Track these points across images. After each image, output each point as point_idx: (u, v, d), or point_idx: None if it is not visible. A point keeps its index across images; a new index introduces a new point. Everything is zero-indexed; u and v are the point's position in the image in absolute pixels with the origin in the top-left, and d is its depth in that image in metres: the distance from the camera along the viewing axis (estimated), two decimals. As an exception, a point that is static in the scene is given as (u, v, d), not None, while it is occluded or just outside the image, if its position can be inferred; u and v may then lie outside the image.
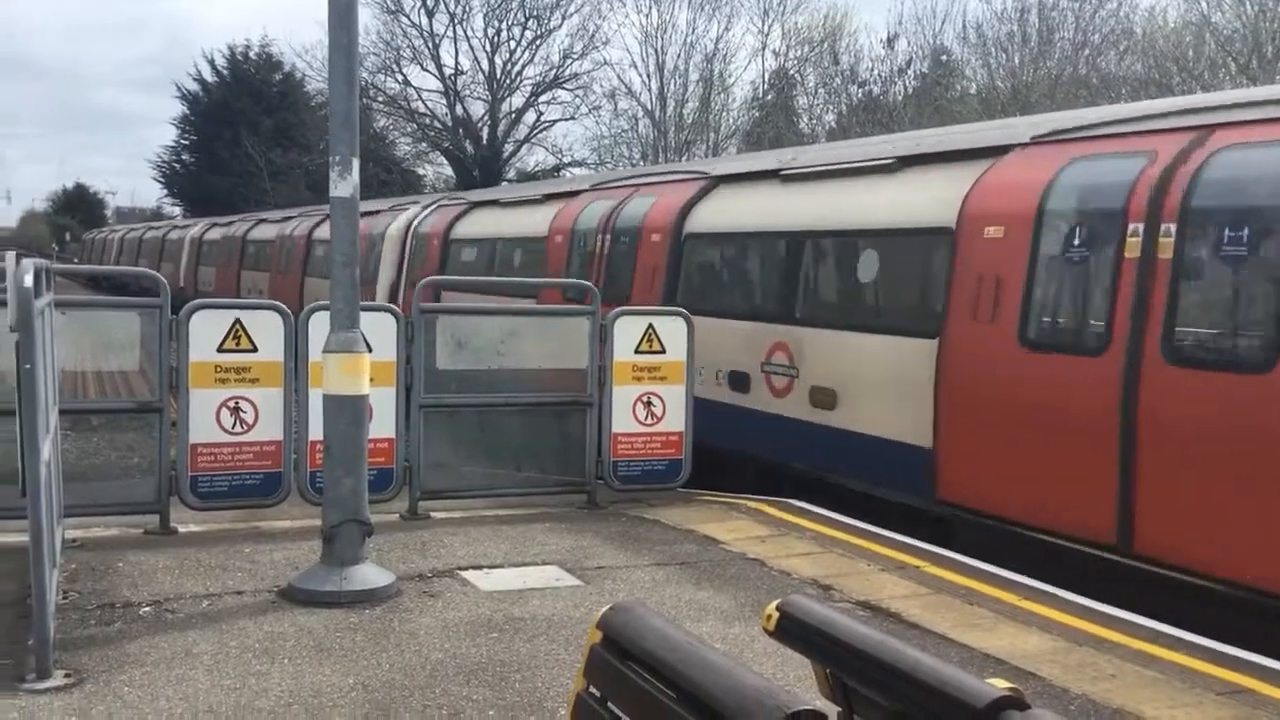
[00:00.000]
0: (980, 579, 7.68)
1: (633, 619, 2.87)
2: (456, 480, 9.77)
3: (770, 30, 46.20)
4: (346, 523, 6.92)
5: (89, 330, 8.31)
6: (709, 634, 6.30)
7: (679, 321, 9.91)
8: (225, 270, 34.86)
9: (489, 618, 6.58)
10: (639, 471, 9.88)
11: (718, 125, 47.44)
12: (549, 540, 8.43)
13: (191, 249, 41.55)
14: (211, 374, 8.21)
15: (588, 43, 52.20)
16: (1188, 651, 6.30)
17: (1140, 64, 31.81)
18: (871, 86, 38.77)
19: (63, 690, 5.29)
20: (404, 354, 8.93)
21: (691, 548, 8.37)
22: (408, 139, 59.49)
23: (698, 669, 2.56)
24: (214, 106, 65.73)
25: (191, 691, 5.34)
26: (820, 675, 2.83)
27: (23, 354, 5.31)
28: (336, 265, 6.97)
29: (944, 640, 6.40)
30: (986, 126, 11.73)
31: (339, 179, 6.87)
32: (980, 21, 36.67)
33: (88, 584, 6.92)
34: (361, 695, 5.38)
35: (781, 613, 2.86)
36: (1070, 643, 6.42)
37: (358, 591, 6.80)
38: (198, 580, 7.10)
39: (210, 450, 8.27)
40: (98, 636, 6.03)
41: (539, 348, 9.98)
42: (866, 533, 8.92)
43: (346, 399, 6.91)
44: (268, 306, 8.64)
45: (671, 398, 9.88)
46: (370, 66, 52.08)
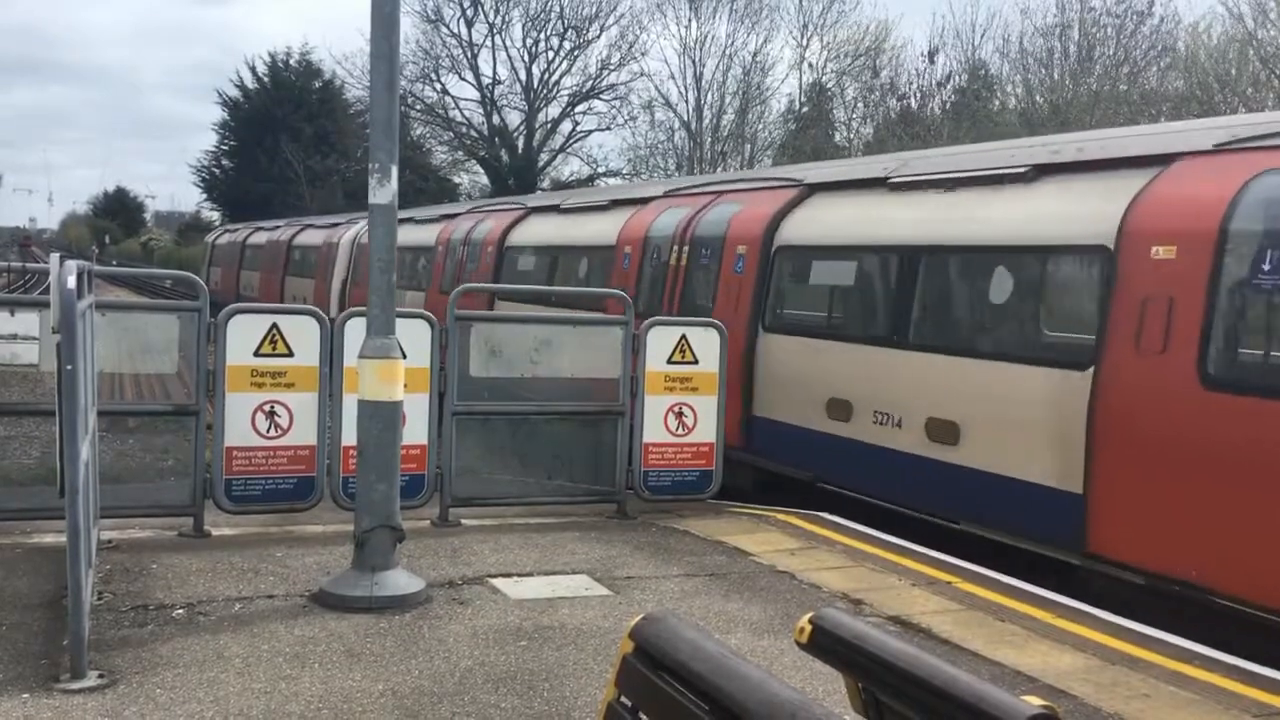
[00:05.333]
0: (1012, 595, 7.62)
1: (665, 629, 2.86)
2: (487, 487, 9.80)
3: (809, 43, 46.24)
4: (378, 528, 6.94)
5: (128, 333, 8.37)
6: (738, 646, 6.28)
7: (711, 332, 9.90)
8: (269, 276, 34.43)
9: (518, 626, 6.59)
10: (669, 482, 9.87)
11: (753, 137, 47.46)
12: (579, 549, 8.43)
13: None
14: (248, 378, 8.26)
15: (625, 54, 52.44)
16: (1222, 672, 6.23)
17: (1182, 81, 31.56)
18: (910, 100, 38.70)
19: (96, 691, 5.32)
20: (438, 361, 8.96)
21: (721, 559, 8.35)
22: (444, 147, 59.96)
23: (731, 681, 2.55)
24: (254, 113, 66.33)
25: (223, 695, 5.37)
26: (853, 689, 2.81)
27: (65, 355, 5.37)
28: (374, 271, 7.00)
29: (975, 657, 6.36)
30: (1136, 133, 10.46)
31: (378, 186, 6.90)
32: (1022, 35, 36.46)
33: (122, 585, 6.98)
34: (391, 701, 5.39)
35: (814, 626, 2.84)
36: (1103, 661, 6.37)
37: (388, 597, 6.82)
38: (230, 583, 7.14)
39: (245, 454, 8.32)
40: (131, 638, 6.07)
41: (572, 357, 9.98)
42: (897, 547, 8.87)
43: (381, 405, 6.93)
44: (305, 311, 8.69)
45: (703, 408, 9.87)
46: (409, 75, 52.56)
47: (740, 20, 48.02)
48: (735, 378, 10.94)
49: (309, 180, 57.03)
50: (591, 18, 53.32)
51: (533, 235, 18.27)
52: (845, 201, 11.43)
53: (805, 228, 11.51)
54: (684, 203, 13.97)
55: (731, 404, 10.59)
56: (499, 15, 54.29)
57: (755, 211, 12.16)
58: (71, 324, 5.35)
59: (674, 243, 13.27)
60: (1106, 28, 34.53)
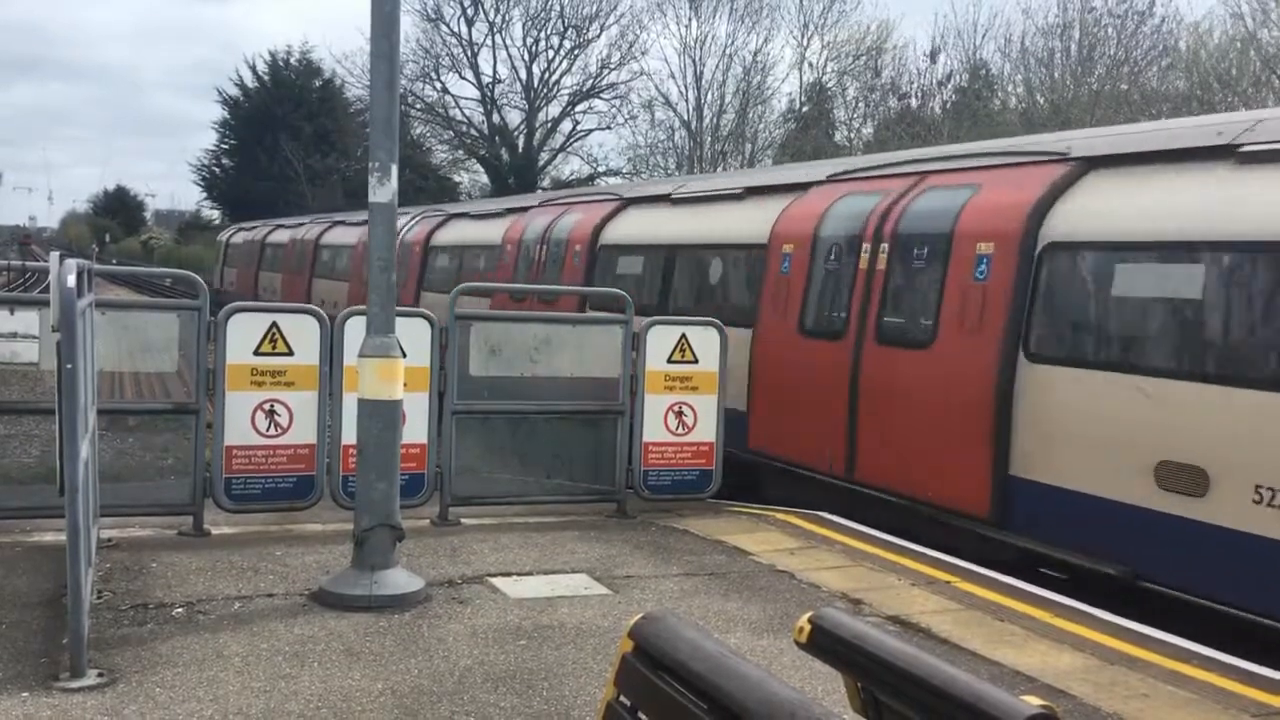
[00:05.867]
0: (1011, 595, 7.62)
1: (665, 629, 2.86)
2: (487, 487, 9.80)
3: (809, 43, 46.25)
4: (378, 527, 6.94)
5: (128, 331, 8.37)
6: (737, 645, 6.28)
7: (711, 332, 9.90)
8: (293, 277, 31.57)
9: (517, 625, 6.59)
10: (669, 481, 9.87)
11: (754, 136, 47.47)
12: (578, 548, 8.44)
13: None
14: (248, 377, 8.27)
15: (626, 53, 52.45)
16: (1221, 672, 6.23)
17: (1183, 80, 31.56)
18: (911, 99, 38.71)
19: (95, 690, 5.32)
20: (438, 360, 8.96)
21: (721, 558, 8.36)
22: (444, 146, 59.94)
23: (730, 680, 2.56)
24: (254, 111, 66.34)
25: (222, 693, 5.37)
26: (852, 689, 2.82)
27: (64, 354, 5.37)
28: (374, 270, 7.00)
29: (975, 657, 6.36)
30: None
31: (378, 185, 6.90)
32: (1023, 35, 36.48)
33: (122, 584, 6.98)
34: (390, 700, 5.40)
35: (814, 625, 2.85)
36: (1102, 661, 6.37)
37: (388, 596, 6.83)
38: (230, 582, 7.14)
39: (244, 453, 8.33)
40: (130, 636, 6.08)
41: (572, 356, 9.98)
42: (896, 547, 8.87)
43: (381, 404, 6.94)
44: (305, 310, 8.69)
45: (703, 408, 9.87)
46: (409, 74, 52.55)
47: (740, 20, 48.07)
48: (977, 422, 8.78)
49: (309, 179, 57.02)
50: (592, 17, 53.38)
51: (637, 232, 15.07)
52: (1151, 184, 8.33)
53: (1099, 217, 8.43)
54: (871, 188, 10.96)
55: (969, 456, 8.82)
56: (499, 14, 54.35)
57: (1000, 198, 9.25)
58: (71, 322, 5.35)
59: (864, 240, 10.42)
60: (1107, 28, 34.54)
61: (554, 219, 17.32)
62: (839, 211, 10.99)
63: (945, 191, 9.89)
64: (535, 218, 18.29)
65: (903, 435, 9.57)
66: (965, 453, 8.85)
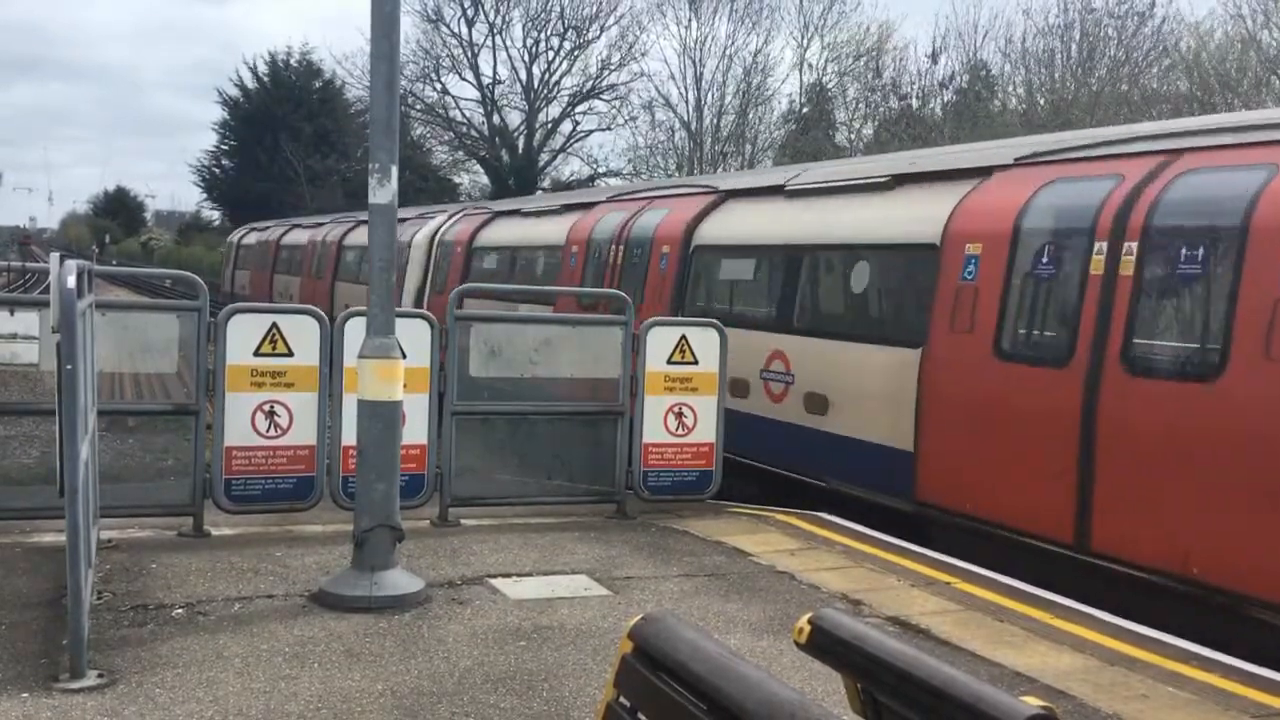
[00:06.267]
0: (1011, 596, 7.62)
1: (665, 629, 2.86)
2: (487, 487, 9.80)
3: (809, 44, 46.25)
4: (378, 528, 6.94)
5: (128, 332, 8.37)
6: (737, 646, 6.28)
7: (711, 333, 9.90)
8: (313, 281, 29.54)
9: (517, 626, 6.59)
10: (669, 482, 9.87)
11: (754, 138, 47.48)
12: (578, 549, 8.44)
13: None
14: (247, 377, 8.26)
15: (626, 54, 52.45)
16: (1221, 672, 6.23)
17: (1184, 81, 31.56)
18: (911, 100, 38.71)
19: (95, 690, 5.32)
20: (438, 360, 8.96)
21: (721, 559, 8.36)
22: (445, 147, 59.93)
23: (730, 681, 2.56)
24: (254, 112, 66.34)
25: (222, 694, 5.37)
26: (851, 690, 2.82)
27: (64, 355, 5.37)
28: (374, 271, 7.00)
29: (974, 657, 6.36)
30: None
31: (378, 186, 6.90)
32: (1024, 36, 36.46)
33: (121, 585, 6.98)
34: (390, 701, 5.40)
35: (813, 626, 2.85)
36: (1102, 662, 6.37)
37: (387, 597, 6.82)
38: (230, 583, 7.14)
39: (244, 453, 8.32)
40: (130, 637, 6.08)
41: (571, 357, 9.99)
42: (896, 547, 8.87)
43: (380, 404, 6.94)
44: (304, 311, 8.69)
45: (703, 408, 9.87)
46: (409, 75, 52.54)
47: (740, 21, 48.04)
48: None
49: (309, 179, 57.01)
50: (592, 18, 53.36)
51: (743, 230, 12.82)
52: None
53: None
54: (1093, 170, 8.73)
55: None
56: (499, 15, 54.33)
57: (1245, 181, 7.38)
58: (71, 323, 5.35)
59: (1098, 238, 8.19)
60: (1108, 28, 34.53)
61: (631, 216, 15.15)
62: (1048, 202, 8.85)
63: (1221, 174, 7.73)
64: (606, 215, 16.08)
65: (1174, 496, 7.42)
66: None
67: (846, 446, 10.22)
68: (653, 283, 13.79)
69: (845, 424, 10.25)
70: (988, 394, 8.83)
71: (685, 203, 14.23)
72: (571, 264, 16.38)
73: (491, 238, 20.40)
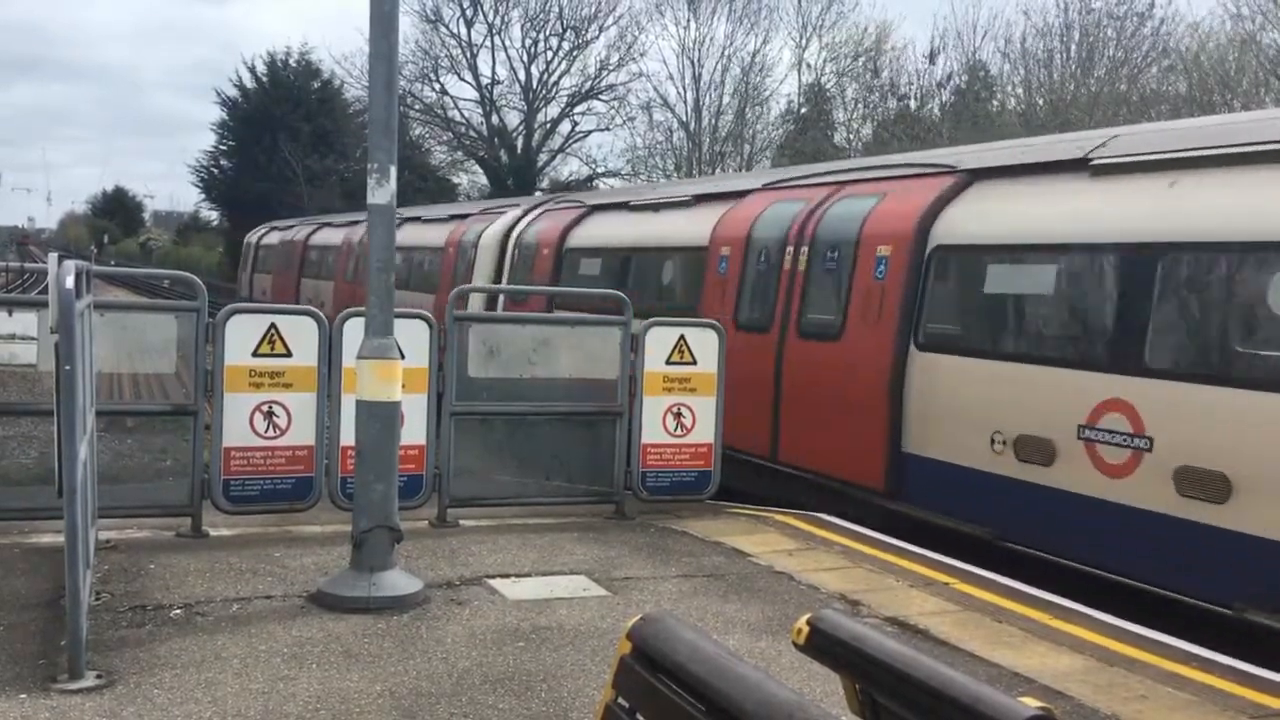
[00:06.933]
0: (1010, 597, 7.62)
1: (663, 630, 2.86)
2: (485, 488, 9.79)
3: (808, 44, 46.26)
4: (376, 528, 6.94)
5: (126, 333, 8.37)
6: (736, 647, 6.28)
7: (710, 333, 9.90)
8: (349, 286, 25.59)
9: (516, 627, 6.59)
10: (668, 482, 9.87)
11: (752, 138, 47.49)
12: (577, 550, 8.43)
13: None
14: (246, 378, 8.26)
15: (624, 54, 52.43)
16: (1220, 673, 6.23)
17: (1183, 82, 31.56)
18: (909, 100, 38.71)
19: (94, 691, 5.32)
20: (436, 361, 8.96)
21: (719, 560, 8.35)
22: (443, 147, 59.90)
23: (728, 682, 2.55)
24: (253, 112, 66.23)
25: (220, 695, 5.37)
26: (850, 691, 2.82)
27: (63, 355, 5.36)
28: (373, 271, 7.00)
29: (973, 658, 6.36)
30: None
31: (377, 186, 6.90)
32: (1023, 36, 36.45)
33: (120, 585, 6.98)
34: (388, 702, 5.39)
35: (812, 627, 2.85)
36: (1101, 662, 6.37)
37: (386, 598, 6.82)
38: (228, 584, 7.14)
39: (243, 454, 8.32)
40: (129, 638, 6.07)
41: (570, 357, 9.98)
42: (895, 548, 8.87)
43: (379, 405, 6.93)
44: (303, 312, 8.68)
45: (702, 409, 9.87)
46: (408, 75, 52.53)
47: (739, 21, 48.04)
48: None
49: (307, 180, 56.94)
50: (590, 18, 53.34)
51: (1028, 224, 9.16)
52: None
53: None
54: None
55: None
56: (498, 15, 54.29)
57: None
58: (70, 324, 5.34)
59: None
60: (1107, 29, 34.54)
61: (814, 209, 11.44)
62: None
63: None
64: (769, 208, 12.25)
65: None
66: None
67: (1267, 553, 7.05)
68: (861, 300, 10.33)
69: (1266, 519, 7.05)
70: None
71: (908, 187, 10.61)
72: (721, 271, 12.57)
73: (591, 237, 16.64)
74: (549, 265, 17.14)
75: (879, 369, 9.90)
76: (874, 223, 10.51)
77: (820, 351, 10.81)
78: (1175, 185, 8.15)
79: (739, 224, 12.62)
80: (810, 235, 11.29)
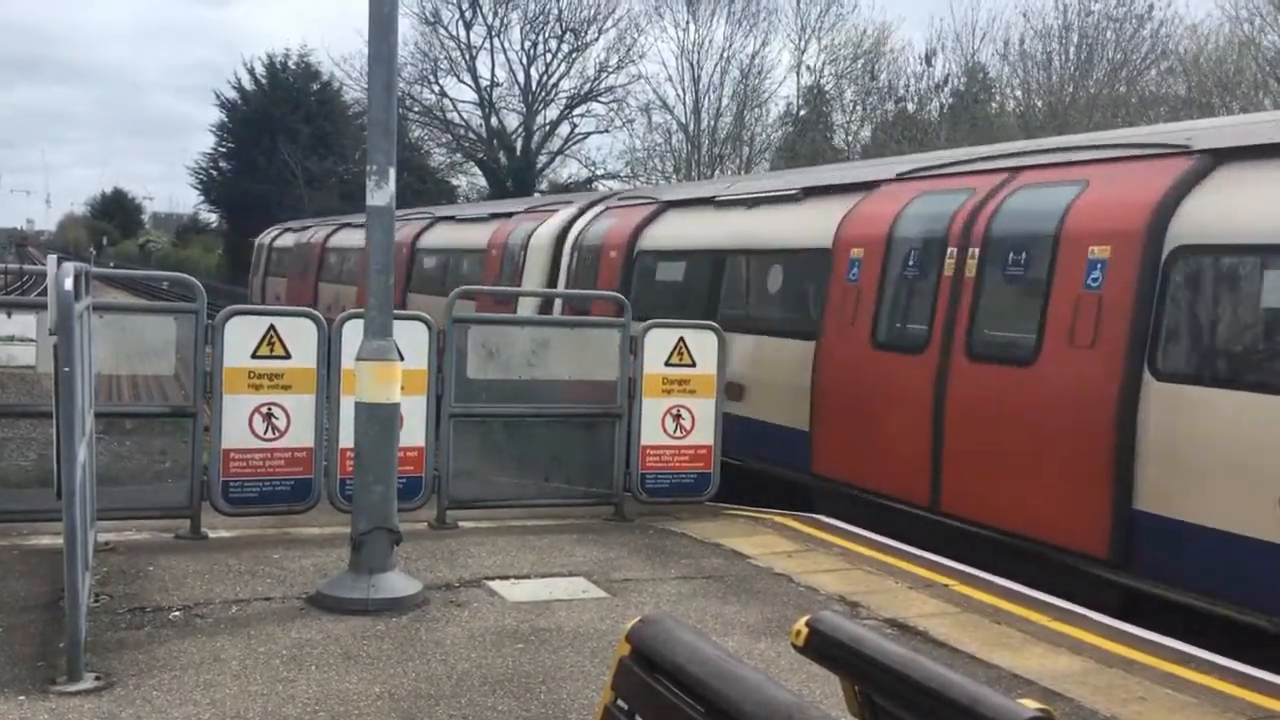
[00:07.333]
0: (1009, 598, 7.62)
1: (662, 632, 2.86)
2: (485, 490, 9.79)
3: (807, 46, 46.25)
4: (375, 530, 6.94)
5: (125, 334, 8.37)
6: (735, 648, 6.27)
7: (709, 335, 9.90)
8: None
9: (515, 628, 6.58)
10: (667, 484, 9.87)
11: (751, 140, 47.48)
12: (576, 551, 8.43)
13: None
14: (245, 380, 8.26)
15: (624, 56, 52.40)
16: (1218, 675, 6.23)
17: (1182, 84, 31.57)
18: (907, 103, 38.72)
19: (92, 693, 5.32)
20: (435, 363, 8.96)
21: (718, 561, 8.35)
22: (443, 149, 59.86)
23: (727, 683, 2.55)
24: (252, 114, 66.22)
25: (219, 697, 5.37)
26: (849, 692, 2.81)
27: (62, 357, 5.36)
28: (372, 273, 7.00)
29: (972, 659, 6.36)
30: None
31: (375, 188, 6.90)
32: (1022, 38, 36.45)
33: (119, 587, 6.97)
34: (388, 704, 5.39)
35: (811, 629, 2.84)
36: (1100, 664, 6.37)
37: (385, 600, 6.82)
38: (227, 586, 7.13)
39: (242, 456, 8.31)
40: (127, 640, 6.07)
41: (569, 359, 9.98)
42: (894, 549, 8.87)
43: (378, 407, 6.93)
44: (302, 313, 8.68)
45: (701, 411, 9.87)
46: (407, 77, 52.48)
47: (738, 23, 48.00)
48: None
49: (306, 182, 56.92)
50: (590, 20, 53.31)
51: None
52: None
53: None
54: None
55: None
56: (497, 17, 54.24)
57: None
58: (69, 325, 5.34)
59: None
60: (1106, 30, 34.54)
61: (983, 202, 9.33)
62: None
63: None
64: (914, 201, 10.16)
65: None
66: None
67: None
68: (1065, 315, 8.32)
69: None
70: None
71: (1121, 173, 8.55)
72: (852, 278, 10.38)
73: (669, 238, 14.26)
74: (617, 270, 14.79)
75: (1097, 402, 7.86)
76: (1080, 217, 8.44)
77: (1002, 377, 8.75)
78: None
79: (874, 221, 10.46)
80: (981, 234, 9.16)
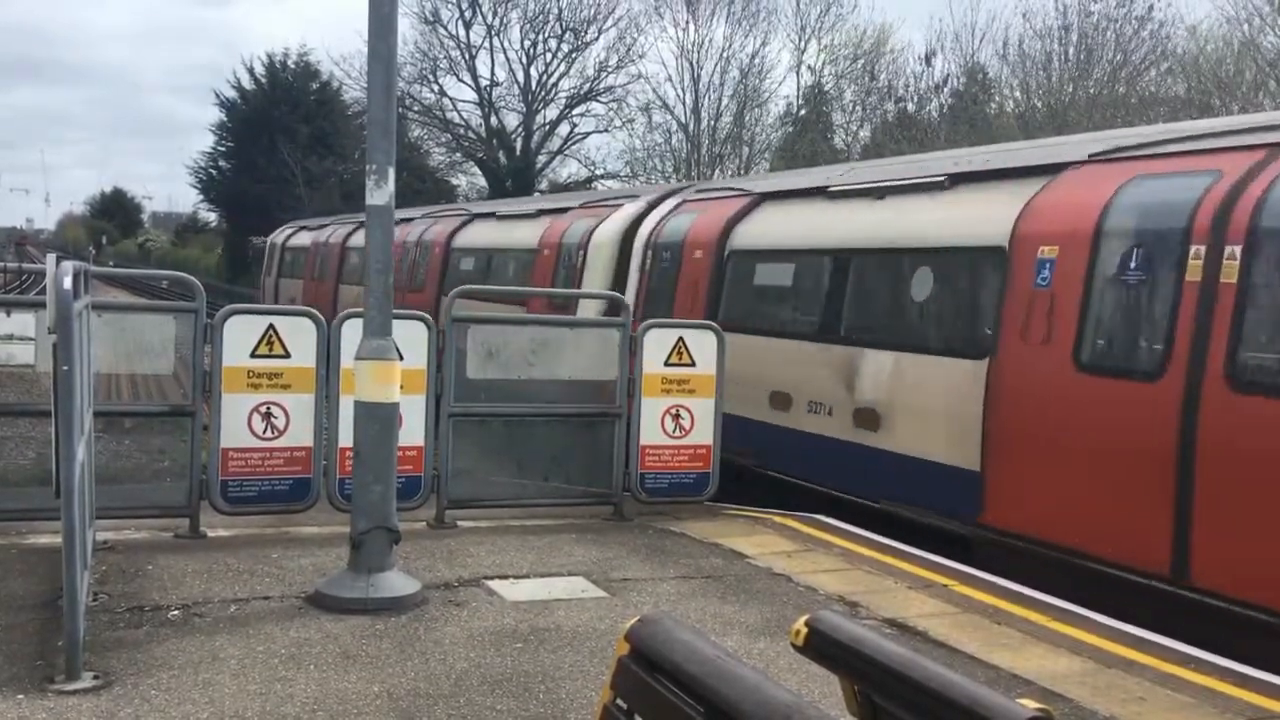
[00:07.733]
0: (1008, 599, 7.62)
1: (661, 631, 2.86)
2: (484, 489, 9.79)
3: (806, 46, 46.26)
4: (374, 529, 6.93)
5: (125, 333, 8.36)
6: (734, 648, 6.27)
7: (709, 335, 9.90)
8: (405, 297, 20.26)
9: (514, 628, 6.58)
10: (666, 484, 9.87)
11: (751, 140, 47.48)
12: (575, 551, 8.43)
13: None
14: (244, 379, 8.25)
15: (623, 56, 52.41)
16: (1218, 675, 6.23)
17: (1181, 85, 31.57)
18: (906, 103, 38.71)
19: (90, 692, 5.31)
20: (435, 362, 8.96)
21: (718, 561, 8.35)
22: (442, 149, 59.88)
23: (726, 683, 2.55)
24: (252, 114, 66.23)
25: (218, 696, 5.36)
26: (848, 692, 2.81)
27: (61, 356, 5.36)
28: (371, 273, 7.00)
29: (971, 660, 6.36)
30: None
31: (375, 187, 6.90)
32: (1021, 38, 36.44)
33: (117, 586, 6.97)
34: (386, 703, 5.39)
35: (810, 628, 2.84)
36: (1099, 664, 6.37)
37: (384, 599, 6.81)
38: (226, 585, 7.13)
39: (241, 455, 8.31)
40: (126, 639, 6.07)
41: (569, 359, 9.98)
42: (893, 550, 8.87)
43: (377, 406, 6.93)
44: (301, 313, 8.68)
45: (700, 411, 9.87)
46: (407, 76, 52.48)
47: (738, 23, 48.02)
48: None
49: (306, 181, 56.94)
50: (589, 20, 53.33)
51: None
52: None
53: None
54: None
55: None
56: (497, 17, 54.26)
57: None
58: (68, 324, 5.34)
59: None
60: (1106, 31, 34.53)
61: (1236, 186, 7.39)
62: None
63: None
64: (1127, 187, 8.17)
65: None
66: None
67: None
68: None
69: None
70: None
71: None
72: (1041, 282, 8.46)
73: (770, 236, 12.27)
74: (704, 272, 12.76)
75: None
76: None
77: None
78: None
79: (1072, 212, 8.43)
80: (1244, 227, 7.19)
